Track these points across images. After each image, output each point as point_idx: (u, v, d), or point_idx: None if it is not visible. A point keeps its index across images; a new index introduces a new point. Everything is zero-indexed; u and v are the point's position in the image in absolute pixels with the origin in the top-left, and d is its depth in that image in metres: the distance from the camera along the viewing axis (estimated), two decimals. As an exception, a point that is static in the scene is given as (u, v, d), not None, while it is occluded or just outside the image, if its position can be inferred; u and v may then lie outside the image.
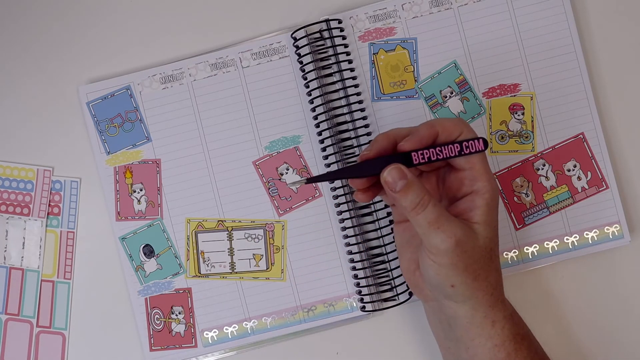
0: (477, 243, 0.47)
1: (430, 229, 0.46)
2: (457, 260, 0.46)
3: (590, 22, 0.60)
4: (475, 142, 0.48)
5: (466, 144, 0.48)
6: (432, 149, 0.48)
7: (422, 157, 0.48)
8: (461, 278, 0.46)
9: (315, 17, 0.59)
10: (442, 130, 0.48)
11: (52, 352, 0.59)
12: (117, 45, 0.61)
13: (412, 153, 0.47)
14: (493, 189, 0.48)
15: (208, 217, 0.59)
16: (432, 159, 0.48)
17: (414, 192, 0.46)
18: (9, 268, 0.59)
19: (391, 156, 0.48)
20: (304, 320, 0.58)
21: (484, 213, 0.47)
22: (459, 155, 0.48)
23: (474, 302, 0.48)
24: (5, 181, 0.60)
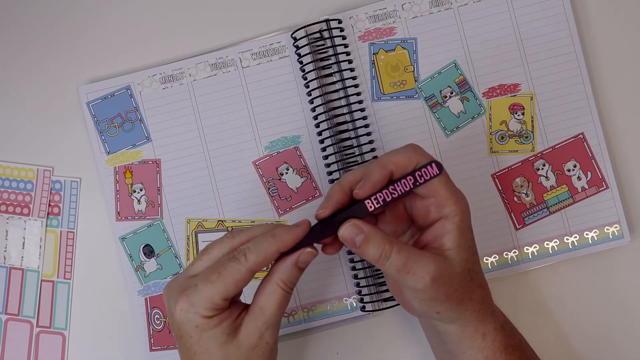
0: (454, 270, 0.45)
1: (401, 275, 0.45)
2: (437, 294, 0.45)
3: (590, 22, 0.60)
4: (429, 168, 0.45)
5: (419, 173, 0.45)
6: (385, 190, 0.45)
7: (376, 202, 0.45)
8: (445, 306, 0.46)
9: (315, 17, 0.59)
10: (395, 168, 0.46)
11: (52, 352, 0.59)
12: (117, 45, 0.61)
13: (365, 201, 0.45)
14: (462, 210, 0.46)
15: (208, 217, 0.59)
16: (388, 200, 0.45)
17: (374, 246, 0.44)
18: (9, 268, 0.59)
19: (348, 208, 0.46)
20: (304, 320, 0.58)
21: (456, 238, 0.46)
22: (415, 187, 0.46)
23: (463, 320, 0.47)
24: (5, 181, 0.60)
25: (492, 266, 0.58)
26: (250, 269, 0.44)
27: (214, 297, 0.43)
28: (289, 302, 0.46)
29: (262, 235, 0.45)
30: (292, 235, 0.45)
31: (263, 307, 0.45)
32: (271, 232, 0.45)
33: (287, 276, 0.45)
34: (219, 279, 0.43)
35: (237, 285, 0.44)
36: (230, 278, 0.43)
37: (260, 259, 0.44)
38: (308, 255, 0.46)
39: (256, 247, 0.44)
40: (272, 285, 0.45)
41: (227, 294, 0.43)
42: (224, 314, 0.44)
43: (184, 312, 0.44)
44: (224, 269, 0.44)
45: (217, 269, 0.44)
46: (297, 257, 0.45)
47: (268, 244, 0.44)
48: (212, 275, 0.44)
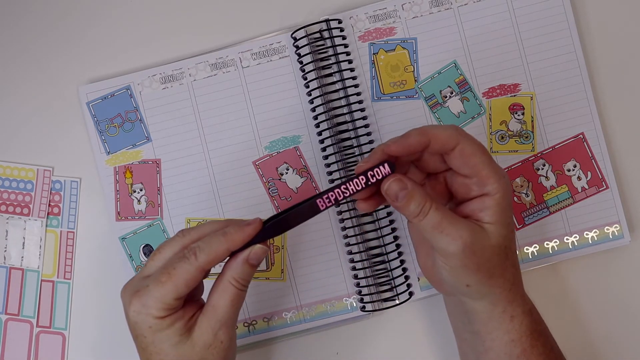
0: (489, 242, 0.45)
1: (434, 233, 0.45)
2: (468, 262, 0.45)
3: (590, 22, 0.60)
4: (381, 168, 0.45)
5: (371, 173, 0.45)
6: (336, 189, 0.45)
7: (328, 201, 0.45)
8: (475, 277, 0.46)
9: (315, 17, 0.59)
10: (434, 140, 0.45)
11: (52, 352, 0.59)
12: (117, 45, 0.61)
13: (316, 199, 0.45)
14: (504, 188, 0.46)
15: (208, 217, 0.59)
16: (340, 199, 0.45)
17: (415, 202, 0.45)
18: (9, 268, 0.59)
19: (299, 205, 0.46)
20: (304, 320, 0.58)
21: (495, 213, 0.46)
22: (367, 187, 0.45)
23: (492, 298, 0.47)
24: (5, 181, 0.60)
25: (492, 266, 0.58)
26: (200, 268, 0.44)
27: (165, 298, 0.43)
28: (243, 299, 0.46)
29: (213, 234, 0.45)
30: (242, 234, 0.45)
31: (216, 305, 0.45)
32: (222, 231, 0.45)
33: (239, 273, 0.45)
34: (169, 279, 0.43)
35: (187, 284, 0.44)
36: (181, 278, 0.43)
37: (210, 257, 0.44)
38: (259, 252, 0.45)
39: (206, 246, 0.44)
40: (224, 283, 0.45)
41: (178, 294, 0.43)
42: (177, 314, 0.44)
43: (136, 314, 0.44)
44: (173, 269, 0.44)
45: (167, 269, 0.44)
46: (247, 254, 0.45)
47: (218, 243, 0.44)
48: (163, 276, 0.43)
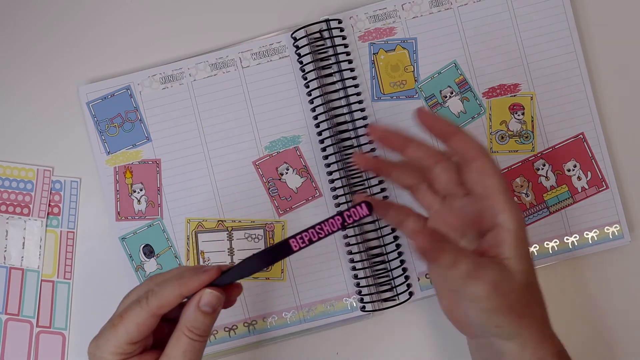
0: (514, 280, 0.44)
1: (466, 281, 0.43)
2: (499, 304, 0.43)
3: (590, 22, 0.60)
4: (358, 208, 0.43)
5: (348, 213, 0.43)
6: (310, 230, 0.43)
7: (302, 242, 0.43)
8: (506, 319, 0.44)
9: (315, 17, 0.59)
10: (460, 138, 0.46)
11: (52, 352, 0.59)
12: (117, 45, 0.61)
13: (290, 240, 0.43)
14: (517, 218, 0.45)
15: (208, 217, 0.59)
16: (314, 240, 0.43)
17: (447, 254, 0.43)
18: (9, 268, 0.59)
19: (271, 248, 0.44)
20: (304, 320, 0.58)
21: (513, 246, 0.44)
22: (343, 229, 0.43)
23: (521, 339, 0.45)
24: (5, 181, 0.60)
25: (492, 266, 0.58)
26: (151, 313, 0.42)
27: (118, 341, 0.42)
28: (199, 350, 0.43)
29: (169, 278, 0.43)
30: (197, 280, 0.43)
31: (169, 354, 0.43)
32: (178, 275, 0.43)
33: (191, 322, 0.43)
34: (120, 322, 0.43)
35: (139, 329, 0.42)
36: (132, 322, 0.42)
37: (161, 302, 0.42)
38: (209, 297, 0.43)
39: (159, 290, 0.43)
40: (177, 332, 0.43)
41: (130, 338, 0.42)
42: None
43: (92, 356, 0.43)
44: (126, 313, 0.43)
45: (121, 313, 0.43)
46: (197, 299, 0.43)
47: (171, 288, 0.43)
48: (116, 319, 0.43)
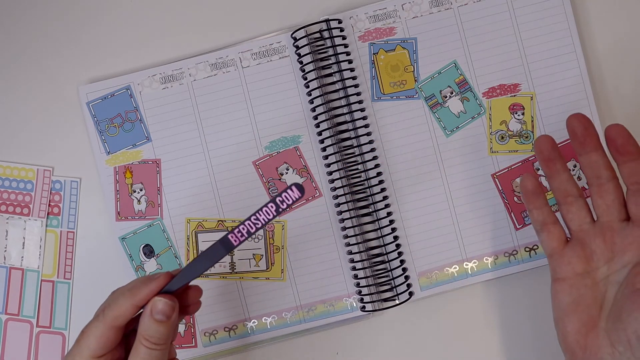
0: None
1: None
2: None
3: (590, 22, 0.60)
4: (289, 192, 0.41)
5: (280, 198, 0.41)
6: (247, 222, 0.41)
7: (240, 235, 0.42)
8: None
9: (315, 17, 0.59)
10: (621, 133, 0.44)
11: (52, 352, 0.59)
12: (117, 45, 0.61)
13: (228, 235, 0.42)
14: None
15: (208, 217, 0.59)
16: (252, 231, 0.42)
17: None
18: (9, 268, 0.59)
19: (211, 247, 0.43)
20: (304, 320, 0.58)
21: None
22: (279, 214, 0.41)
23: None
24: (5, 181, 0.60)
25: (491, 266, 0.58)
26: (108, 325, 0.42)
27: (82, 357, 0.42)
28: (162, 357, 0.43)
29: (122, 291, 0.44)
30: (146, 289, 0.43)
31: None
32: (130, 286, 0.44)
33: (146, 331, 0.42)
34: (82, 337, 0.43)
35: (99, 342, 0.42)
36: (91, 336, 0.42)
37: (115, 313, 0.42)
38: (159, 305, 0.43)
39: (113, 302, 0.43)
40: (136, 342, 0.43)
41: (93, 352, 0.42)
42: None
43: None
44: (86, 328, 0.43)
45: (83, 329, 0.43)
46: (149, 308, 0.43)
47: (123, 299, 0.43)
48: (79, 335, 0.43)
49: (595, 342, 0.45)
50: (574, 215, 0.48)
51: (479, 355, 0.58)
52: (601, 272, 0.47)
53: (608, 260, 0.46)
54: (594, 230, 0.47)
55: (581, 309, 0.46)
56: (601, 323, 0.45)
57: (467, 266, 0.58)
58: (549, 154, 0.48)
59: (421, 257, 0.58)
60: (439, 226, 0.58)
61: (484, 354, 0.58)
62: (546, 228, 0.49)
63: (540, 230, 0.49)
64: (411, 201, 0.58)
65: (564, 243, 0.49)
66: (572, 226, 0.48)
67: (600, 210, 0.47)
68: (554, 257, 0.49)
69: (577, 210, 0.48)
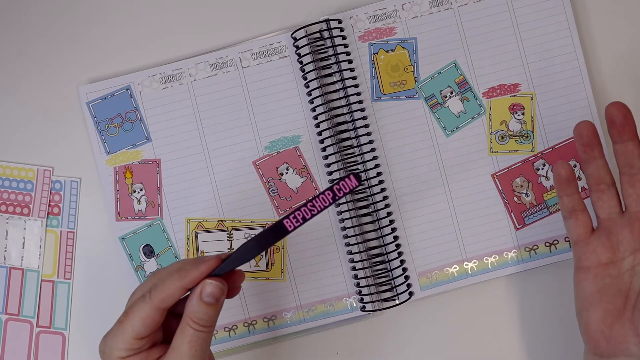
0: None
1: None
2: None
3: (590, 22, 0.60)
4: (347, 181, 0.41)
5: (337, 187, 0.41)
6: (303, 208, 0.42)
7: (295, 221, 0.42)
8: None
9: (315, 17, 0.59)
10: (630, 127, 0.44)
11: (52, 352, 0.59)
12: (117, 45, 0.61)
13: (284, 220, 0.42)
14: None
15: (208, 217, 0.59)
16: (308, 218, 0.42)
17: None
18: (9, 268, 0.59)
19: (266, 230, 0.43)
20: (304, 320, 0.58)
21: None
22: (335, 202, 0.42)
23: None
24: (5, 181, 0.60)
25: (492, 266, 0.58)
26: (155, 307, 0.42)
27: (125, 337, 0.42)
28: (206, 341, 0.43)
29: (170, 272, 0.43)
30: (196, 271, 0.43)
31: (175, 347, 0.43)
32: (178, 268, 0.43)
33: (194, 312, 0.42)
34: (126, 319, 0.43)
35: (144, 324, 0.42)
36: (136, 317, 0.42)
37: (163, 295, 0.42)
38: (210, 287, 0.43)
39: (161, 284, 0.42)
40: (182, 324, 0.43)
41: (136, 334, 0.42)
42: (141, 355, 0.43)
43: (102, 354, 0.43)
44: (131, 309, 0.43)
45: (126, 310, 0.43)
46: (199, 290, 0.43)
47: (172, 280, 0.42)
48: (122, 316, 0.43)
49: (620, 332, 0.45)
50: (605, 203, 0.48)
51: (479, 355, 0.58)
52: (627, 263, 0.46)
53: (634, 251, 0.46)
54: (622, 220, 0.47)
55: (606, 299, 0.46)
56: (627, 313, 0.45)
57: (467, 266, 0.58)
58: (589, 139, 0.48)
59: (421, 257, 0.58)
60: (439, 226, 0.58)
61: (484, 353, 0.58)
62: (574, 215, 0.49)
63: (569, 216, 0.49)
64: (411, 201, 0.58)
65: (590, 231, 0.49)
66: (601, 214, 0.48)
67: (630, 200, 0.47)
68: (579, 244, 0.49)
69: (607, 199, 0.48)
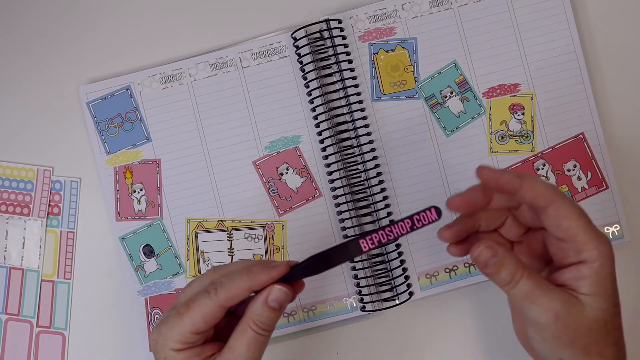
0: (584, 316, 0.42)
1: (525, 303, 0.42)
2: (561, 335, 0.42)
3: (590, 22, 0.60)
4: (427, 213, 0.43)
5: (417, 217, 0.43)
6: (381, 232, 0.43)
7: (371, 242, 0.43)
8: (568, 352, 0.42)
9: (315, 17, 0.59)
10: (528, 188, 0.42)
11: (52, 352, 0.59)
12: (117, 45, 0.61)
13: (359, 240, 0.43)
14: (603, 255, 0.42)
15: (208, 217, 0.59)
16: (384, 242, 0.43)
17: (506, 270, 0.42)
18: (9, 268, 0.59)
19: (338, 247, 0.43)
20: (304, 320, 0.58)
21: (593, 283, 0.42)
22: (412, 231, 0.43)
23: None
24: (5, 181, 0.60)
25: (492, 266, 0.58)
26: (219, 304, 0.42)
27: (183, 330, 0.42)
28: (263, 344, 0.43)
29: (238, 271, 0.43)
30: (266, 275, 0.42)
31: (232, 347, 0.42)
32: (247, 269, 0.43)
33: (258, 316, 0.42)
34: (187, 311, 0.42)
35: (205, 319, 0.42)
36: (199, 312, 0.42)
37: (230, 294, 0.42)
38: (278, 293, 0.43)
39: (228, 282, 0.42)
40: (242, 325, 0.43)
41: (195, 328, 0.42)
42: (194, 350, 0.43)
43: (154, 343, 0.43)
44: (193, 302, 0.42)
45: (188, 302, 0.43)
46: (266, 294, 0.42)
47: (241, 281, 0.42)
48: (182, 308, 0.42)
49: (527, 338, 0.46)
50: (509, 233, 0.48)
51: (479, 355, 0.58)
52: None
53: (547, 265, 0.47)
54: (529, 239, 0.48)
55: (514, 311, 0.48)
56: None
57: (467, 266, 0.58)
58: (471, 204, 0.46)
59: (421, 257, 0.58)
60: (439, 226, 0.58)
61: (484, 353, 0.58)
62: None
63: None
64: (411, 201, 0.58)
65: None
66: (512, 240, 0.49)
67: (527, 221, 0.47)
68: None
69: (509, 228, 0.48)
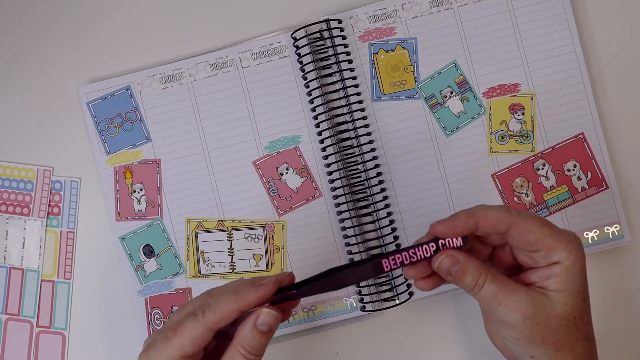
0: (554, 312, 0.43)
1: (492, 306, 0.43)
2: (531, 333, 0.42)
3: (590, 22, 0.60)
4: (454, 240, 0.44)
5: (442, 242, 0.44)
6: (404, 252, 0.43)
7: (393, 263, 0.43)
8: (540, 349, 0.43)
9: (315, 17, 0.59)
10: (483, 222, 0.43)
11: (52, 352, 0.59)
12: (117, 45, 0.61)
13: (382, 259, 0.43)
14: (574, 254, 0.43)
15: (208, 217, 0.59)
16: (406, 263, 0.43)
17: (469, 275, 0.43)
18: (9, 268, 0.59)
19: (357, 264, 0.44)
20: (304, 320, 0.58)
21: (562, 280, 0.43)
22: (435, 255, 0.44)
23: None
24: (5, 181, 0.60)
25: (492, 266, 0.58)
26: (207, 327, 0.41)
27: (170, 354, 0.41)
28: None
29: (226, 292, 0.42)
30: (254, 294, 0.41)
31: None
32: (235, 289, 0.42)
33: (247, 341, 0.41)
34: (174, 335, 0.41)
35: (193, 343, 0.41)
36: (186, 335, 0.41)
37: (217, 316, 0.41)
38: (266, 317, 0.41)
39: (215, 304, 0.41)
40: (232, 350, 0.41)
41: (184, 352, 0.41)
42: None
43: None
44: (180, 326, 0.41)
45: (175, 325, 0.41)
46: (254, 318, 0.41)
47: (228, 302, 0.41)
48: (170, 332, 0.41)
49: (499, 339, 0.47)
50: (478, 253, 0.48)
51: (479, 355, 0.58)
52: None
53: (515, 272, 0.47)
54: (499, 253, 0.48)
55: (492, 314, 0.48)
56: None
57: (467, 266, 0.58)
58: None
59: (421, 257, 0.58)
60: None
61: (484, 353, 0.58)
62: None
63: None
64: (411, 201, 0.58)
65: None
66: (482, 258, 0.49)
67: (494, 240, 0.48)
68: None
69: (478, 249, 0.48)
